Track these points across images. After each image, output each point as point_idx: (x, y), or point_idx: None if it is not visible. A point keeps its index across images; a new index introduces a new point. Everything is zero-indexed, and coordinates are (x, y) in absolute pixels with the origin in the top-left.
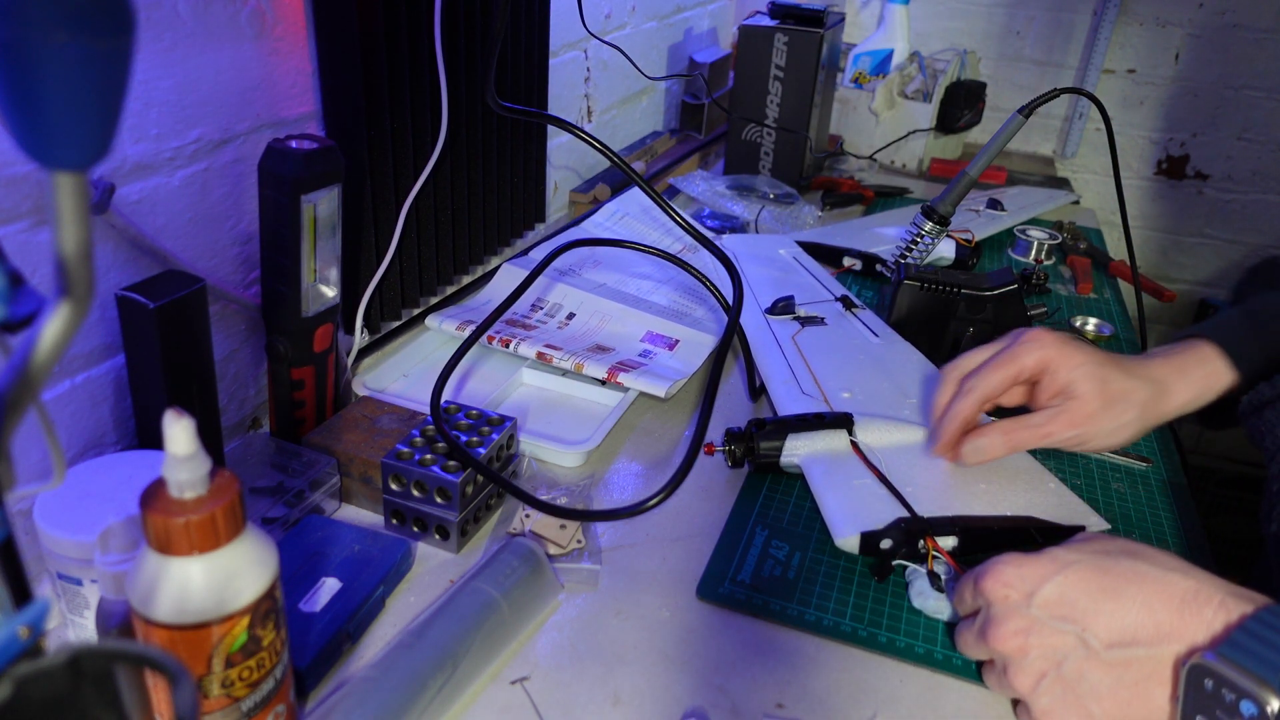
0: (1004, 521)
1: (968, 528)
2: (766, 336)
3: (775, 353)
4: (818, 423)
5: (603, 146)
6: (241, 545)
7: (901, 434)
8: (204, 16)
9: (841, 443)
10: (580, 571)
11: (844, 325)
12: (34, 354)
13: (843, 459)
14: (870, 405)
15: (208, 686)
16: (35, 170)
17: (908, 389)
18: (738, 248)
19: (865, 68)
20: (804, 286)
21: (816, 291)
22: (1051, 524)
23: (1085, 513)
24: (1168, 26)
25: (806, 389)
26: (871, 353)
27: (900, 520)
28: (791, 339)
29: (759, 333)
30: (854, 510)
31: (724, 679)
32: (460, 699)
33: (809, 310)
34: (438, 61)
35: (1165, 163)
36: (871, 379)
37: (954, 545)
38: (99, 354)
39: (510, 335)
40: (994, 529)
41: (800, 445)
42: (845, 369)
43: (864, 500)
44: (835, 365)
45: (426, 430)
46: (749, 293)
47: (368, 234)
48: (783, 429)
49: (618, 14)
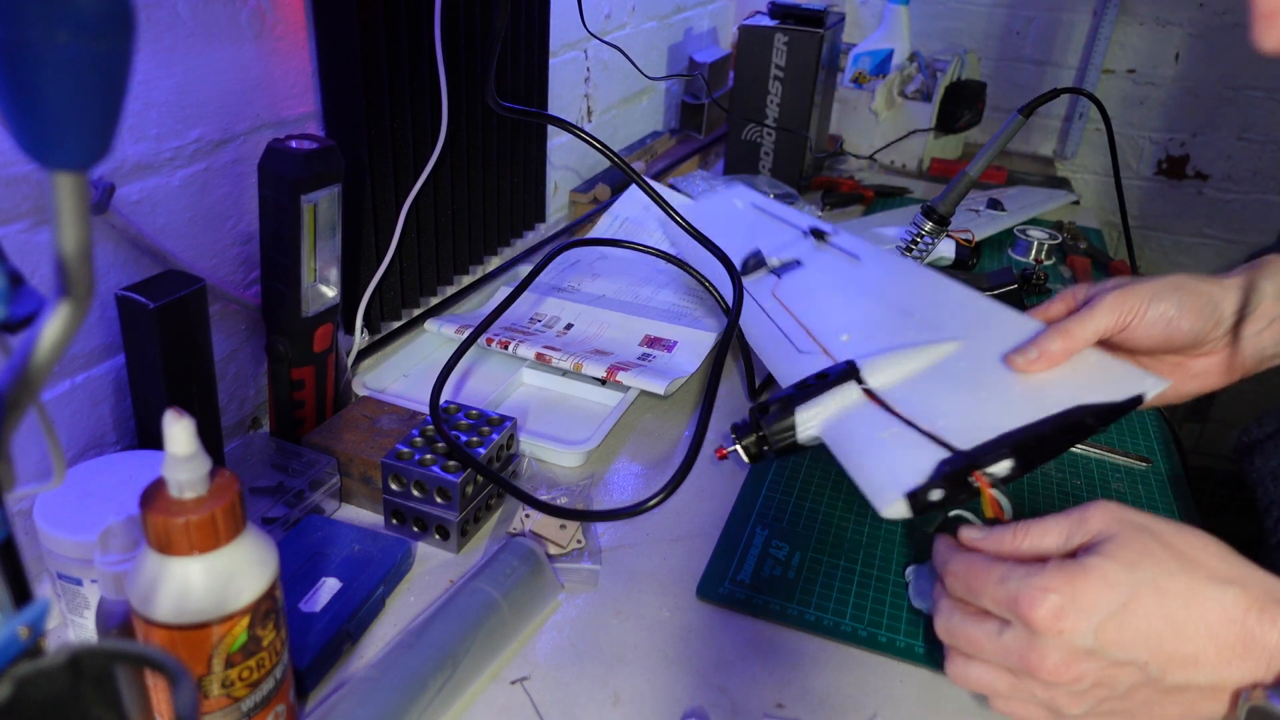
0: (1055, 421)
1: (1020, 444)
2: (748, 304)
3: (760, 318)
4: (821, 384)
5: (603, 146)
6: (241, 545)
7: (913, 361)
8: (204, 17)
9: (854, 396)
10: (580, 571)
11: (820, 260)
12: (34, 354)
13: (861, 414)
14: (872, 340)
15: (208, 686)
16: (35, 170)
17: (904, 304)
18: (694, 218)
19: (865, 68)
20: (769, 232)
21: (782, 234)
22: (1106, 405)
23: (1138, 377)
24: (1168, 26)
25: (802, 345)
26: (856, 280)
27: (944, 464)
28: (772, 295)
29: (743, 303)
30: (890, 470)
31: (724, 679)
32: (460, 699)
33: (781, 257)
34: (438, 61)
35: (1165, 163)
36: (864, 309)
37: (1010, 468)
38: (99, 354)
39: (509, 337)
40: (1046, 434)
41: (812, 415)
42: (834, 309)
43: (898, 454)
44: (823, 308)
45: (426, 430)
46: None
47: (368, 234)
48: (788, 404)
49: (618, 14)
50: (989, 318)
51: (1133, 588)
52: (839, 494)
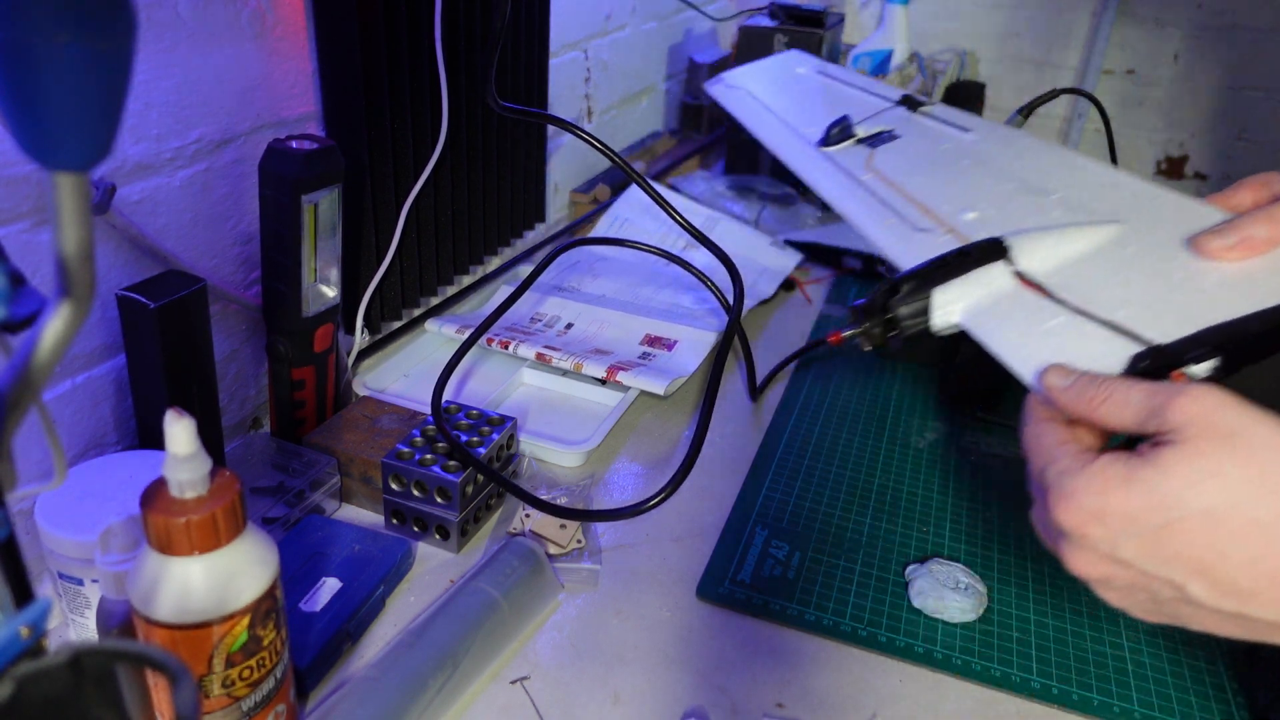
0: (1271, 317)
1: (1227, 340)
2: (833, 178)
3: (856, 191)
4: (963, 262)
5: (603, 146)
6: (242, 545)
7: (1072, 243)
8: (204, 17)
9: (1004, 279)
10: (580, 571)
11: (922, 130)
12: (35, 354)
13: (1018, 299)
14: (1007, 219)
15: (208, 686)
16: (36, 170)
17: (1042, 183)
18: (745, 82)
19: (865, 68)
20: (849, 101)
21: (867, 103)
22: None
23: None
24: (1167, 27)
25: (919, 223)
26: (974, 154)
27: (1137, 359)
28: (866, 168)
29: (822, 178)
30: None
31: (724, 679)
32: (460, 699)
33: (868, 127)
34: (438, 61)
35: (1165, 163)
36: (989, 186)
37: (1213, 368)
38: (100, 354)
39: (509, 338)
40: (1257, 331)
41: (952, 297)
42: (953, 184)
43: (1073, 346)
44: (938, 183)
45: (427, 430)
46: (788, 130)
47: (368, 234)
48: (922, 283)
49: (618, 14)
50: (1152, 200)
51: (1181, 511)
52: (839, 494)
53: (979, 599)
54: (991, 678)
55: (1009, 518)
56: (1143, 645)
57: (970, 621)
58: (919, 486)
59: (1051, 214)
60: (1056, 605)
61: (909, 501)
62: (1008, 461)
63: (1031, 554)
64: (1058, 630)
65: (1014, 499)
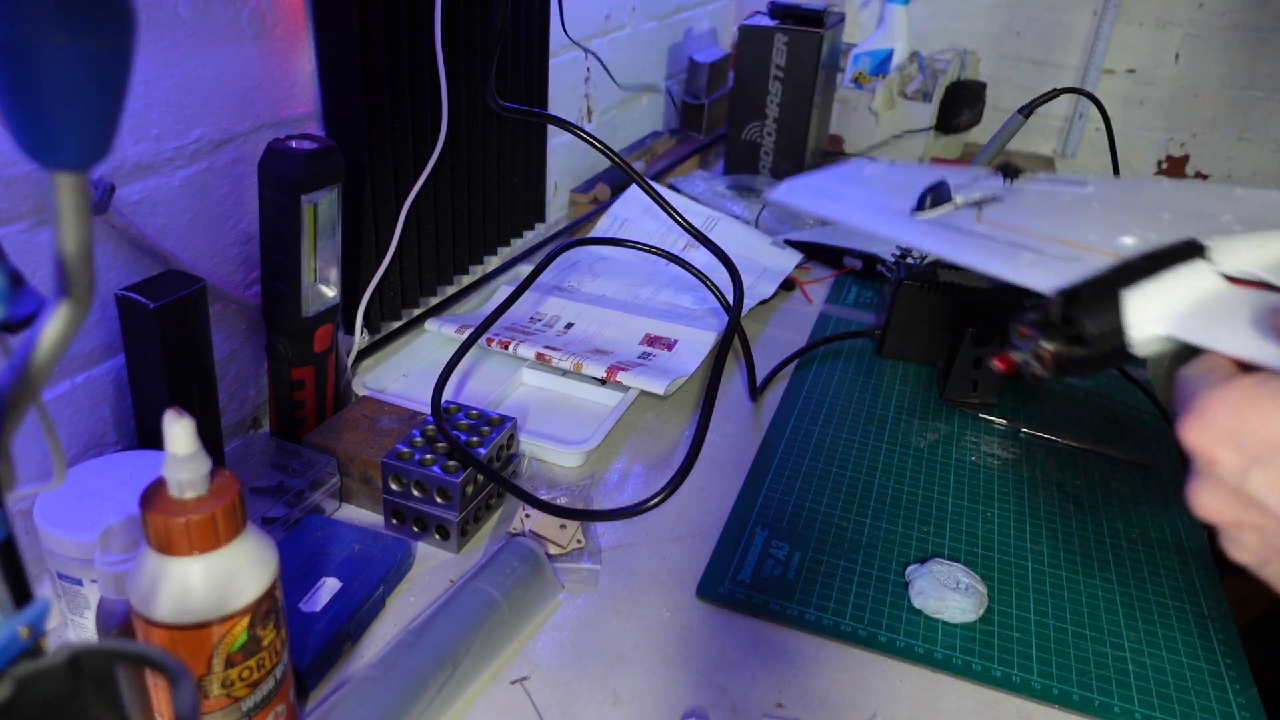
0: None
1: None
2: (941, 233)
3: (974, 241)
4: (1155, 263)
5: (603, 146)
6: (242, 545)
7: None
8: (204, 17)
9: (1210, 280)
10: (580, 571)
11: (1030, 191)
12: (34, 354)
13: (1235, 301)
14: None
15: (208, 686)
16: (35, 170)
17: (1202, 208)
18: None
19: (865, 68)
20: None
21: (958, 175)
22: None
23: None
24: (1167, 27)
25: (1064, 255)
26: (1104, 198)
27: None
28: (978, 222)
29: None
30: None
31: (724, 679)
32: (460, 699)
33: (966, 195)
34: (438, 61)
35: (1165, 163)
36: (1142, 217)
37: None
38: (99, 354)
39: (509, 337)
40: None
41: (1153, 305)
42: (1093, 220)
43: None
44: (1073, 222)
45: (426, 430)
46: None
47: (368, 234)
48: (1108, 289)
49: (618, 14)
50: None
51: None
52: (839, 494)
53: (979, 599)
54: (992, 678)
55: (1009, 518)
56: (1143, 645)
57: (970, 622)
58: (919, 486)
59: (1231, 230)
60: (1057, 605)
61: (909, 501)
62: (1008, 462)
63: (1032, 554)
64: (1058, 630)
65: (1014, 499)
